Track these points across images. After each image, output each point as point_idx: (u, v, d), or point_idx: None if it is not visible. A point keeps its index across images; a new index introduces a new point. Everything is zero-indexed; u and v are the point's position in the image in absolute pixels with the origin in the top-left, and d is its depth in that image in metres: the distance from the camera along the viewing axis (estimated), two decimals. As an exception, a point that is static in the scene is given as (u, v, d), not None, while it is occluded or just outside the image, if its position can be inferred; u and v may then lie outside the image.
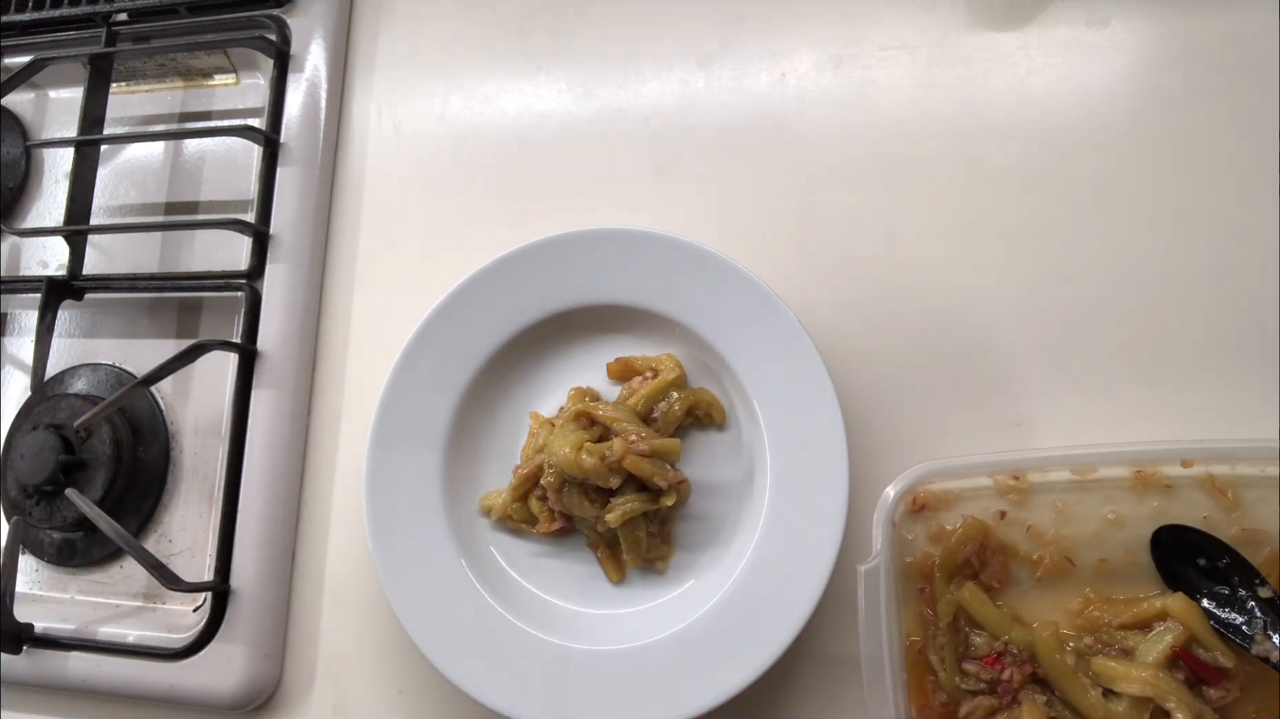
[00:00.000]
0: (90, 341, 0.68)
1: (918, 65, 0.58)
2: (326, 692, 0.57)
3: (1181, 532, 0.47)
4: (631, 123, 0.62)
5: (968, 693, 0.47)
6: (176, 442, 0.64)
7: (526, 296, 0.55)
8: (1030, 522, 0.48)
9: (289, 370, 0.61)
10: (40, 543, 0.64)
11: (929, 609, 0.48)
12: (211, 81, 0.71)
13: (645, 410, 0.54)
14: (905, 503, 0.49)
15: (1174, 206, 0.53)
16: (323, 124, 0.65)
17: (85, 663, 0.59)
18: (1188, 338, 0.52)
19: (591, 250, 0.55)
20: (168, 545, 0.62)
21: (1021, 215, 0.55)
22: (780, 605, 0.49)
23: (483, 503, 0.56)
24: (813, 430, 0.51)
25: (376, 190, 0.65)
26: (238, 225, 0.62)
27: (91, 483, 0.61)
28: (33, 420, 0.63)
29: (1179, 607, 0.45)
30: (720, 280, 0.53)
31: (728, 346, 0.53)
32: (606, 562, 0.54)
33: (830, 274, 0.56)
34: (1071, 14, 0.57)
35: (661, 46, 0.62)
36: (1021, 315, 0.54)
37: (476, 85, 0.65)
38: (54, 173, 0.73)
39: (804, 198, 0.58)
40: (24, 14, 0.72)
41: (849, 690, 0.51)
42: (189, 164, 0.69)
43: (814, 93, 0.59)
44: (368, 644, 0.57)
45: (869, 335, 0.55)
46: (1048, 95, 0.56)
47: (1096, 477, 0.48)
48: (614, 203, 0.61)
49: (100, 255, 0.68)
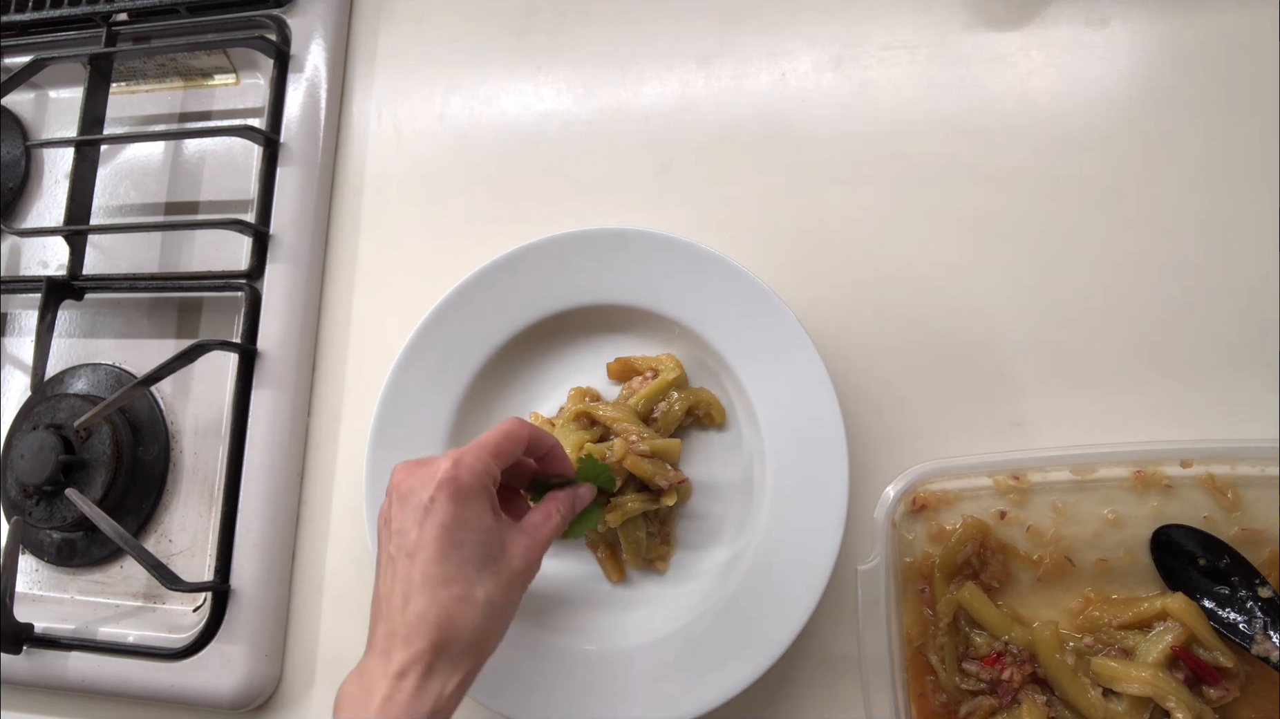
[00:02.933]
0: (90, 341, 0.68)
1: (918, 65, 0.58)
2: (326, 692, 0.57)
3: (1181, 532, 0.47)
4: (631, 123, 0.62)
5: (968, 693, 0.47)
6: (176, 442, 0.64)
7: (526, 296, 0.55)
8: (1030, 522, 0.48)
9: (289, 370, 0.61)
10: (40, 543, 0.64)
11: (929, 609, 0.48)
12: (211, 81, 0.71)
13: (645, 410, 0.54)
14: (905, 503, 0.49)
15: (1174, 206, 0.53)
16: (323, 124, 0.65)
17: (85, 663, 0.59)
18: (1188, 338, 0.52)
19: (591, 250, 0.55)
20: (168, 545, 0.62)
21: (1021, 215, 0.55)
22: (780, 605, 0.49)
23: (483, 503, 0.56)
24: (813, 430, 0.51)
25: (376, 190, 0.65)
26: (238, 225, 0.62)
27: (91, 483, 0.61)
28: (33, 420, 0.63)
29: (1179, 607, 0.45)
30: (720, 280, 0.53)
31: (728, 346, 0.53)
32: (606, 562, 0.54)
33: (830, 274, 0.56)
34: (1071, 14, 0.57)
35: (661, 46, 0.62)
36: (1021, 315, 0.54)
37: (476, 85, 0.65)
38: (54, 173, 0.73)
39: (804, 198, 0.58)
40: (24, 14, 0.72)
41: (849, 690, 0.51)
42: (189, 164, 0.69)
43: (814, 93, 0.59)
44: (368, 644, 0.57)
45: (869, 335, 0.55)
46: (1048, 95, 0.56)
47: (1096, 477, 0.48)
48: (614, 203, 0.61)
49: (100, 255, 0.68)
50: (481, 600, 0.40)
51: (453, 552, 0.40)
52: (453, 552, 0.40)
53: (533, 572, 0.44)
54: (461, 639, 0.39)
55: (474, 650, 0.40)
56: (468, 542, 0.40)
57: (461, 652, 0.39)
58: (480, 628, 0.40)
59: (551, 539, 0.45)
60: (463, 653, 0.39)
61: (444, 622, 0.39)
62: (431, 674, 0.38)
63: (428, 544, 0.40)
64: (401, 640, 0.39)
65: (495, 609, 0.40)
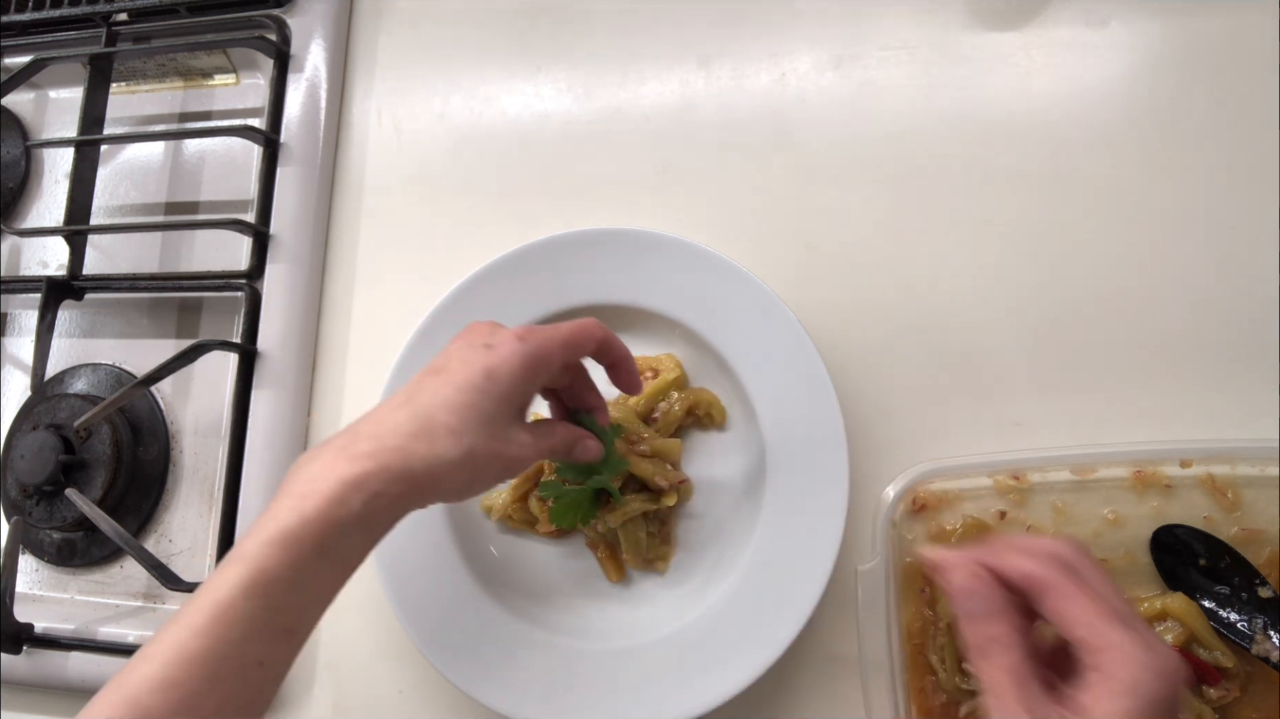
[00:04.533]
0: (90, 341, 0.68)
1: (918, 65, 0.58)
2: (326, 692, 0.57)
3: (1181, 531, 0.47)
4: (631, 122, 0.62)
5: (968, 693, 0.47)
6: (176, 442, 0.64)
7: (526, 297, 0.55)
8: (1030, 522, 0.48)
9: (289, 370, 0.61)
10: (40, 543, 0.64)
11: (929, 609, 0.48)
12: (211, 81, 0.71)
13: (645, 410, 0.54)
14: (905, 503, 0.49)
15: (1174, 206, 0.53)
16: (323, 124, 0.65)
17: (85, 663, 0.59)
18: (1187, 338, 0.52)
19: (591, 250, 0.55)
20: (168, 545, 0.62)
21: (1021, 215, 0.55)
22: (780, 605, 0.49)
23: (483, 503, 0.56)
24: (813, 430, 0.51)
25: (376, 190, 0.65)
26: (238, 225, 0.62)
27: (91, 483, 0.61)
28: (33, 420, 0.63)
29: (1179, 607, 0.45)
30: (720, 280, 0.53)
31: (728, 347, 0.53)
32: (606, 562, 0.54)
33: (830, 274, 0.57)
34: (1071, 14, 0.57)
35: (661, 46, 0.62)
36: (1022, 315, 0.54)
37: (476, 85, 0.65)
38: (54, 173, 0.73)
39: (804, 198, 0.58)
40: (24, 14, 0.72)
41: (849, 690, 0.51)
42: (189, 164, 0.69)
43: (814, 93, 0.59)
44: (368, 644, 0.57)
45: (869, 335, 0.55)
46: (1048, 95, 0.56)
47: (1096, 477, 0.48)
48: (614, 203, 0.61)
49: (100, 255, 0.68)
50: (466, 442, 0.38)
51: (475, 398, 0.39)
52: (475, 398, 0.39)
53: (515, 471, 0.42)
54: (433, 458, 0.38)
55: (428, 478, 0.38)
56: (493, 396, 0.39)
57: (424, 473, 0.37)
58: (446, 464, 0.38)
59: (543, 455, 0.44)
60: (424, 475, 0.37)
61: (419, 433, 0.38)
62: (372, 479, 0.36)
63: (459, 377, 0.39)
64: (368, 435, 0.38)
65: (469, 464, 0.39)
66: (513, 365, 0.40)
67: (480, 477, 0.41)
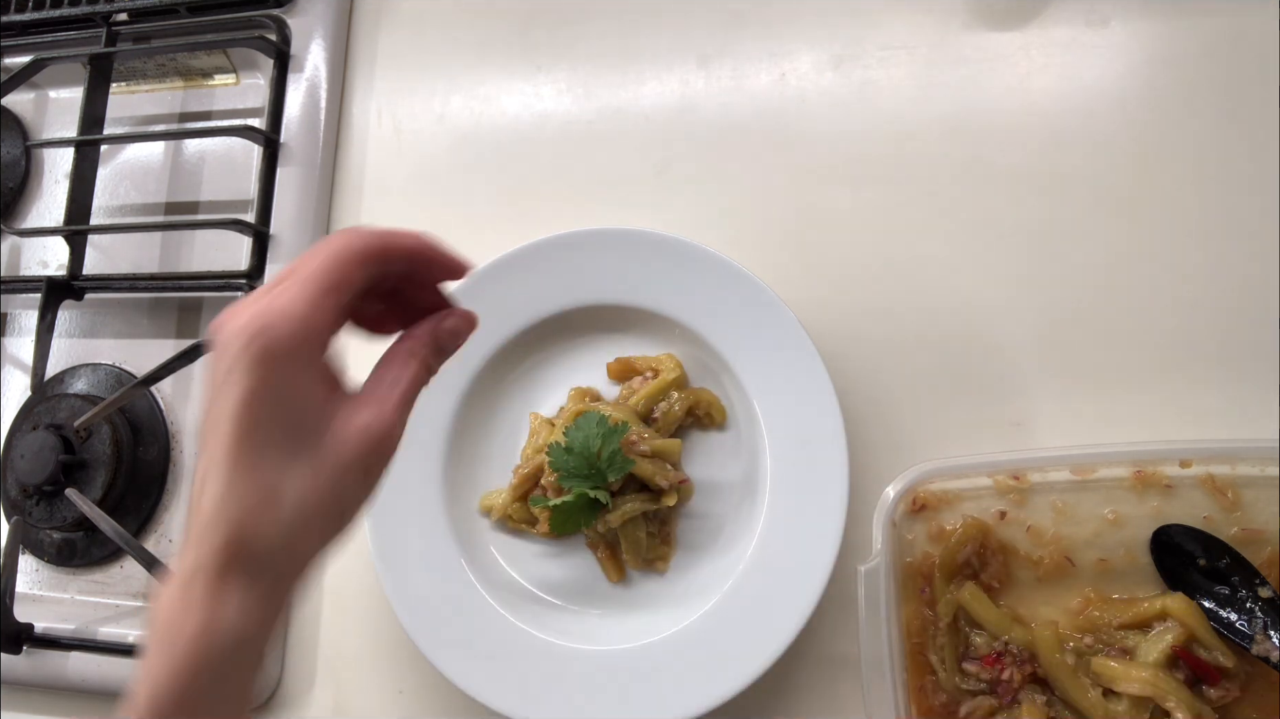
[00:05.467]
0: (90, 342, 0.68)
1: (918, 65, 0.58)
2: (326, 692, 0.57)
3: (1181, 532, 0.47)
4: (631, 122, 0.62)
5: (968, 693, 0.47)
6: (176, 442, 0.64)
7: (526, 297, 0.55)
8: (1030, 522, 0.48)
9: (289, 370, 0.61)
10: (40, 543, 0.64)
11: (929, 609, 0.48)
12: (211, 81, 0.71)
13: (645, 410, 0.54)
14: (905, 503, 0.49)
15: (1174, 206, 0.53)
16: (323, 124, 0.65)
17: (85, 663, 0.59)
18: (1187, 338, 0.52)
19: (591, 250, 0.55)
20: (168, 545, 0.62)
21: (1021, 215, 0.55)
22: (780, 605, 0.49)
23: (483, 503, 0.56)
24: (813, 430, 0.51)
25: (376, 190, 0.65)
26: (238, 225, 0.62)
27: (91, 483, 0.61)
28: (33, 420, 0.63)
29: (1179, 606, 0.45)
30: (720, 280, 0.53)
31: (728, 347, 0.53)
32: (606, 562, 0.54)
33: (830, 274, 0.56)
34: (1071, 14, 0.57)
35: (661, 46, 0.62)
36: (1021, 315, 0.54)
37: (476, 85, 0.65)
38: (54, 173, 0.73)
39: (804, 198, 0.58)
40: (24, 14, 0.72)
41: (849, 690, 0.51)
42: (189, 164, 0.69)
43: (814, 93, 0.59)
44: (368, 644, 0.57)
45: (869, 335, 0.55)
46: (1048, 95, 0.56)
47: (1096, 477, 0.48)
48: (614, 203, 0.61)
49: (100, 255, 0.68)
50: (290, 497, 0.31)
51: (253, 432, 0.31)
52: (253, 432, 0.31)
53: (384, 452, 0.34)
54: (263, 542, 0.31)
55: (285, 556, 0.32)
56: (273, 420, 0.31)
57: (266, 557, 0.31)
58: (289, 530, 0.31)
59: (408, 400, 0.35)
60: (267, 558, 0.31)
61: (238, 518, 0.30)
62: (225, 581, 0.30)
63: (223, 420, 0.31)
64: (195, 537, 0.31)
65: (310, 507, 0.32)
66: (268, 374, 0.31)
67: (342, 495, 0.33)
